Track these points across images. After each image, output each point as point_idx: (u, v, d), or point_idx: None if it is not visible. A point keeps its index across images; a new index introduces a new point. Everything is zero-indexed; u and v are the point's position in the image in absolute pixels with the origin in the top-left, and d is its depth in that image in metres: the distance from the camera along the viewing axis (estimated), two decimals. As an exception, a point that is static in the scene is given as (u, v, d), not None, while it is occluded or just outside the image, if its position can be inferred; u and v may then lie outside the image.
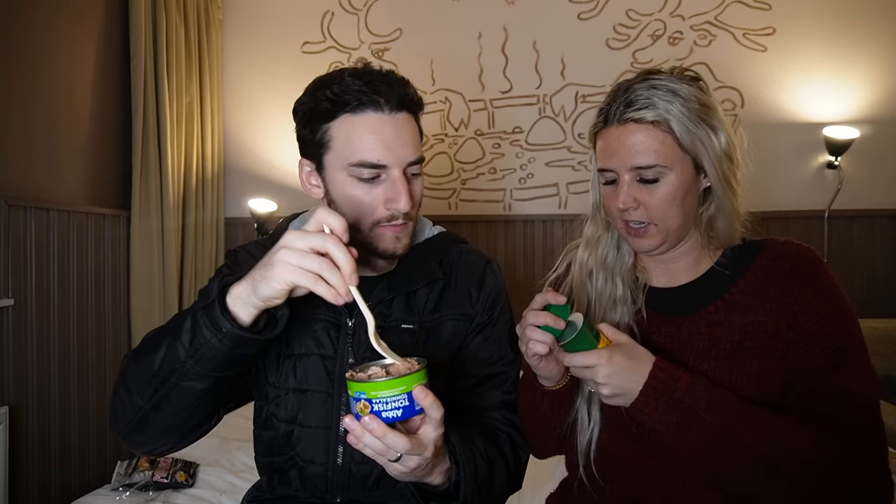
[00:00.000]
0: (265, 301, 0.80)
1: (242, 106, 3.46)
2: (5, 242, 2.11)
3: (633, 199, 0.95)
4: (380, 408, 0.76)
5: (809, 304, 0.92)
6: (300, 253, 0.77)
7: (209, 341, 0.81)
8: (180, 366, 0.83)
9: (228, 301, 0.81)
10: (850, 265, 3.02)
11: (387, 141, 0.94)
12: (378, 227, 0.97)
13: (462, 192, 3.33)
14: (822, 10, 3.05)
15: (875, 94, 3.03)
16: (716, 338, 0.96)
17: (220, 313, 0.80)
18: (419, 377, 0.77)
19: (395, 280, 1.04)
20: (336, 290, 0.77)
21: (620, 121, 0.94)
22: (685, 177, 0.94)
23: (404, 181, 0.95)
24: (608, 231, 1.07)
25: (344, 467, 1.00)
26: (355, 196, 0.96)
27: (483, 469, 0.93)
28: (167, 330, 0.86)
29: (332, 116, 0.95)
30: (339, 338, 1.02)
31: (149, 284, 2.77)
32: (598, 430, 1.01)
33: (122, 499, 1.91)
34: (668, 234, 0.97)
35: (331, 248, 0.77)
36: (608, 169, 0.97)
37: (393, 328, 1.03)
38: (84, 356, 2.48)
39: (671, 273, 1.04)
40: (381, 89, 0.94)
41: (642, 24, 3.18)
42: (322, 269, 0.76)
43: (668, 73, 0.97)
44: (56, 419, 2.33)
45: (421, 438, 0.78)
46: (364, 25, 3.35)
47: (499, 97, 3.28)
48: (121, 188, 2.74)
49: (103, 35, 2.63)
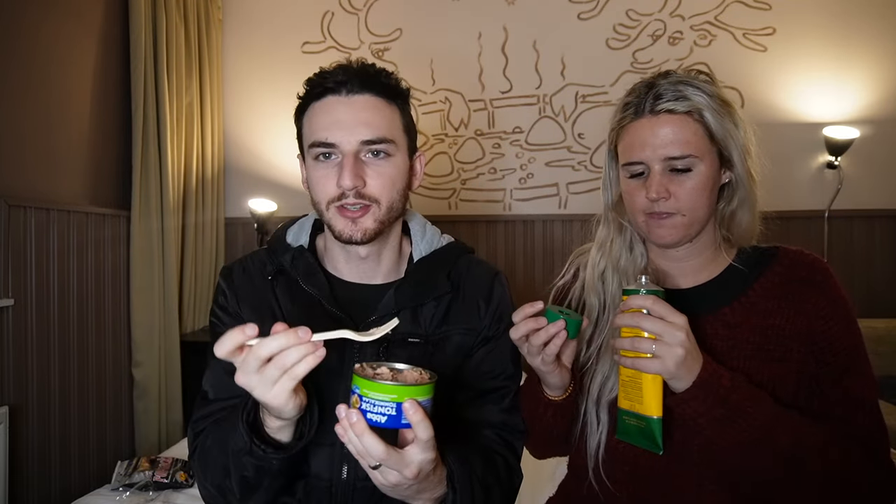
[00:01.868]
0: (299, 412, 0.83)
1: (242, 106, 3.46)
2: (5, 242, 2.11)
3: (664, 189, 0.95)
4: (366, 407, 0.75)
5: (822, 312, 0.95)
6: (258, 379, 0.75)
7: (272, 467, 0.86)
8: (257, 484, 0.89)
9: (270, 434, 0.86)
10: (850, 265, 3.02)
11: (337, 120, 0.96)
12: (333, 206, 0.98)
13: (462, 192, 3.33)
14: (822, 10, 3.05)
15: (875, 94, 3.03)
16: (734, 338, 0.97)
17: (264, 453, 0.84)
18: (415, 392, 0.75)
19: (401, 293, 1.03)
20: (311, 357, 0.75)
21: (653, 112, 0.95)
22: (712, 169, 0.96)
23: (351, 159, 0.95)
24: (620, 233, 1.07)
25: (349, 483, 1.00)
26: (314, 176, 0.99)
27: (480, 496, 0.92)
28: (227, 457, 0.90)
29: (306, 107, 1.00)
30: (346, 352, 1.00)
31: (149, 284, 2.77)
32: (606, 432, 1.01)
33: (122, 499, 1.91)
34: (692, 225, 0.97)
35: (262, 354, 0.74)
36: (638, 161, 0.97)
37: (398, 341, 1.01)
38: (84, 356, 2.48)
39: (685, 273, 1.04)
40: (344, 76, 0.97)
41: (642, 24, 3.18)
42: (283, 367, 0.74)
43: (684, 72, 0.98)
44: (56, 419, 2.33)
45: (404, 455, 0.77)
46: (364, 25, 3.35)
47: (499, 97, 3.28)
48: (121, 188, 2.74)
49: (103, 35, 2.63)
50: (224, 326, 1.03)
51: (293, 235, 1.10)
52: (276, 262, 1.06)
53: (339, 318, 1.00)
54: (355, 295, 1.05)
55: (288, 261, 1.05)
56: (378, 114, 0.97)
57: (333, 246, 1.06)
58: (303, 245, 1.08)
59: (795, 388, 0.94)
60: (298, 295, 1.03)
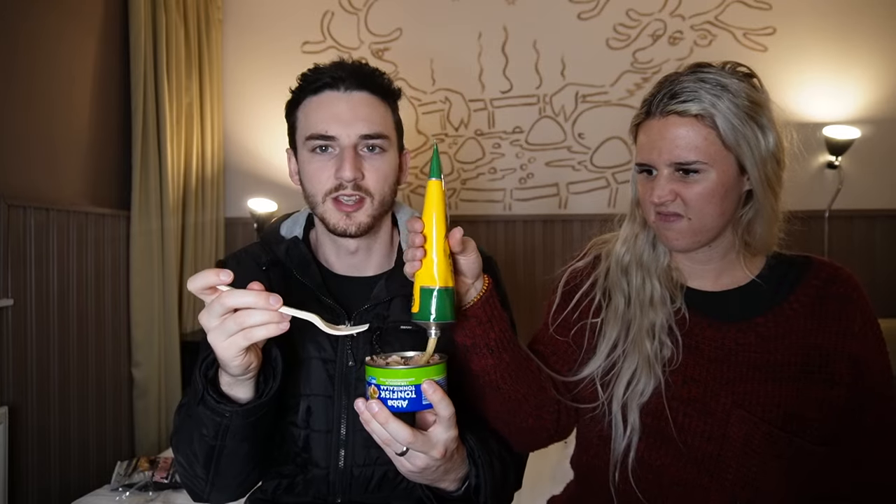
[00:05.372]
0: (244, 373, 0.82)
1: (242, 106, 3.45)
2: (5, 242, 2.11)
3: (669, 192, 0.91)
4: (386, 395, 0.76)
5: (862, 331, 0.95)
6: (216, 325, 0.75)
7: (227, 423, 0.85)
8: (217, 445, 0.88)
9: (223, 389, 0.86)
10: (851, 265, 2.92)
11: (337, 114, 0.99)
12: (329, 199, 0.99)
13: (462, 192, 3.33)
14: (822, 10, 3.04)
15: (875, 94, 3.02)
16: (770, 351, 0.94)
17: (216, 402, 0.83)
18: (431, 372, 0.77)
19: (393, 280, 1.04)
20: (273, 325, 0.74)
21: (662, 113, 0.90)
22: (727, 176, 0.91)
23: (351, 152, 0.98)
24: (644, 229, 1.03)
25: (346, 470, 1.01)
26: (310, 169, 1.01)
27: (499, 470, 0.94)
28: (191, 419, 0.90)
29: (300, 101, 1.03)
30: (339, 340, 1.02)
31: (149, 284, 2.77)
32: (637, 437, 0.95)
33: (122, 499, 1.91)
34: (700, 231, 0.92)
35: (227, 303, 0.74)
36: (646, 164, 0.94)
37: (391, 329, 1.03)
38: (84, 356, 2.48)
39: (708, 275, 1.01)
40: (342, 72, 1.00)
41: (642, 24, 3.17)
42: (241, 324, 0.74)
43: (719, 66, 0.93)
44: (56, 419, 2.32)
45: (430, 437, 0.78)
46: (364, 25, 3.35)
47: (499, 97, 3.28)
48: (121, 188, 2.74)
49: (103, 35, 2.63)
50: None
51: (287, 228, 1.12)
52: (271, 254, 1.07)
53: (333, 309, 1.02)
54: (347, 286, 1.07)
55: (282, 252, 1.07)
56: (375, 110, 1.01)
57: (325, 240, 1.08)
58: (297, 236, 1.09)
59: (841, 411, 0.92)
60: (292, 286, 1.05)
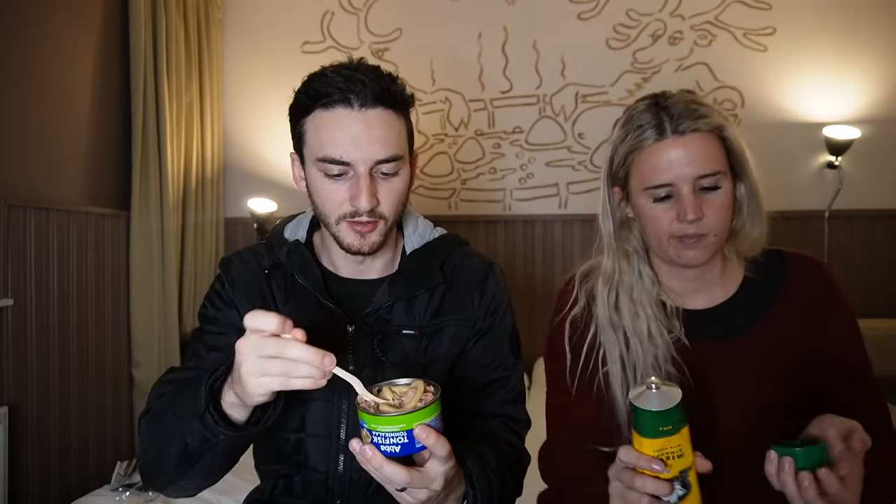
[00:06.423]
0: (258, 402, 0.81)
1: (242, 106, 3.45)
2: (5, 242, 2.11)
3: (699, 209, 0.93)
4: (378, 441, 0.74)
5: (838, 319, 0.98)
6: (256, 358, 0.74)
7: (216, 441, 0.83)
8: (196, 456, 0.86)
9: (224, 407, 0.83)
10: (850, 265, 3.02)
11: (352, 138, 0.93)
12: (343, 221, 0.97)
13: (462, 192, 3.33)
14: (822, 10, 3.05)
15: (875, 94, 3.03)
16: (774, 358, 0.96)
17: (214, 423, 0.81)
18: (422, 416, 0.74)
19: (395, 285, 1.04)
20: (311, 381, 0.74)
21: (677, 132, 0.93)
22: (732, 186, 0.97)
23: (368, 180, 0.94)
24: (628, 261, 1.03)
25: (345, 475, 1.00)
26: (322, 189, 0.97)
27: (497, 488, 0.93)
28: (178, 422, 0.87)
29: (308, 111, 0.97)
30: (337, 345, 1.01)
31: (149, 284, 2.77)
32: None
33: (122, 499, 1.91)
34: (719, 244, 0.97)
35: (286, 354, 0.73)
36: (665, 184, 0.94)
37: (394, 334, 1.02)
38: (84, 356, 2.48)
39: (697, 291, 1.02)
40: (355, 86, 0.93)
41: (642, 24, 3.18)
42: (286, 372, 0.74)
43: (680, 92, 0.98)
44: (56, 419, 2.32)
45: (428, 472, 0.77)
46: (364, 25, 3.35)
47: (499, 97, 3.28)
48: (120, 188, 2.74)
49: (103, 35, 2.63)
50: (213, 309, 1.06)
51: (290, 231, 1.11)
52: (273, 256, 1.07)
53: (333, 311, 1.01)
54: (350, 290, 1.06)
55: (284, 255, 1.06)
56: (391, 130, 0.96)
57: (331, 244, 1.06)
58: (299, 240, 1.09)
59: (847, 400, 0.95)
60: (293, 288, 1.05)
